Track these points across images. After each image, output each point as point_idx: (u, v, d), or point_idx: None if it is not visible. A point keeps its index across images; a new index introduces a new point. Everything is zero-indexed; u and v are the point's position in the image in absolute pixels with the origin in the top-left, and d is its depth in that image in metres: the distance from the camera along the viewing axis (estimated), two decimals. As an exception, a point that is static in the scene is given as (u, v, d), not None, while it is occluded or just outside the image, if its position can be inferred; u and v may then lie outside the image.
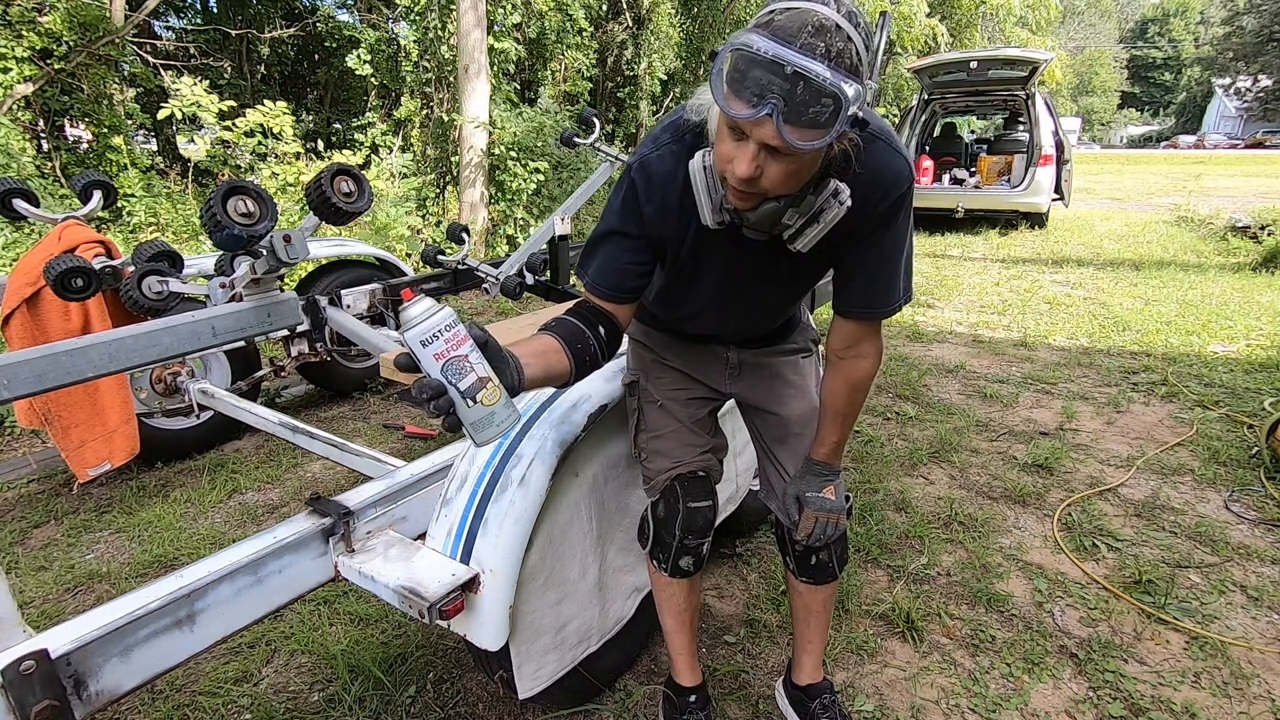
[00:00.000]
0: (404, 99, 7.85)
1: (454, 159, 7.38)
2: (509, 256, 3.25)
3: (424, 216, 7.12)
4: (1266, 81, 42.46)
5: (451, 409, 0.87)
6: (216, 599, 1.14)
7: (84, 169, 4.80)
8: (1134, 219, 9.91)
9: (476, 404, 0.87)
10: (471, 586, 1.20)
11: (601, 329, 1.11)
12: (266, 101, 6.11)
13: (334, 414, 3.37)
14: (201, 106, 5.89)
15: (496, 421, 0.89)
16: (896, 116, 11.82)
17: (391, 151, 7.69)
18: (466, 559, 1.23)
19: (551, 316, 1.13)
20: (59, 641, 0.99)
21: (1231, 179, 16.69)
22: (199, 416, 2.83)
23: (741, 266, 1.16)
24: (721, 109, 0.87)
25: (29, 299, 2.07)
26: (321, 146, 7.55)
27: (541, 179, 7.24)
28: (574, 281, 3.37)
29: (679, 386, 1.39)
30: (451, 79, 7.50)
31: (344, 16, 9.85)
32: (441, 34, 7.39)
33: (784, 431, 1.38)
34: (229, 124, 5.96)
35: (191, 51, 8.73)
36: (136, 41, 6.88)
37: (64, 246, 2.10)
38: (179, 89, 5.93)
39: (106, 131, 5.93)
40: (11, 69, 5.36)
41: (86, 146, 6.30)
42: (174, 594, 1.09)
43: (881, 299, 1.14)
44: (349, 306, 2.82)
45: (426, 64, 7.64)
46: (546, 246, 3.35)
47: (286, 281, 3.51)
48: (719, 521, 1.54)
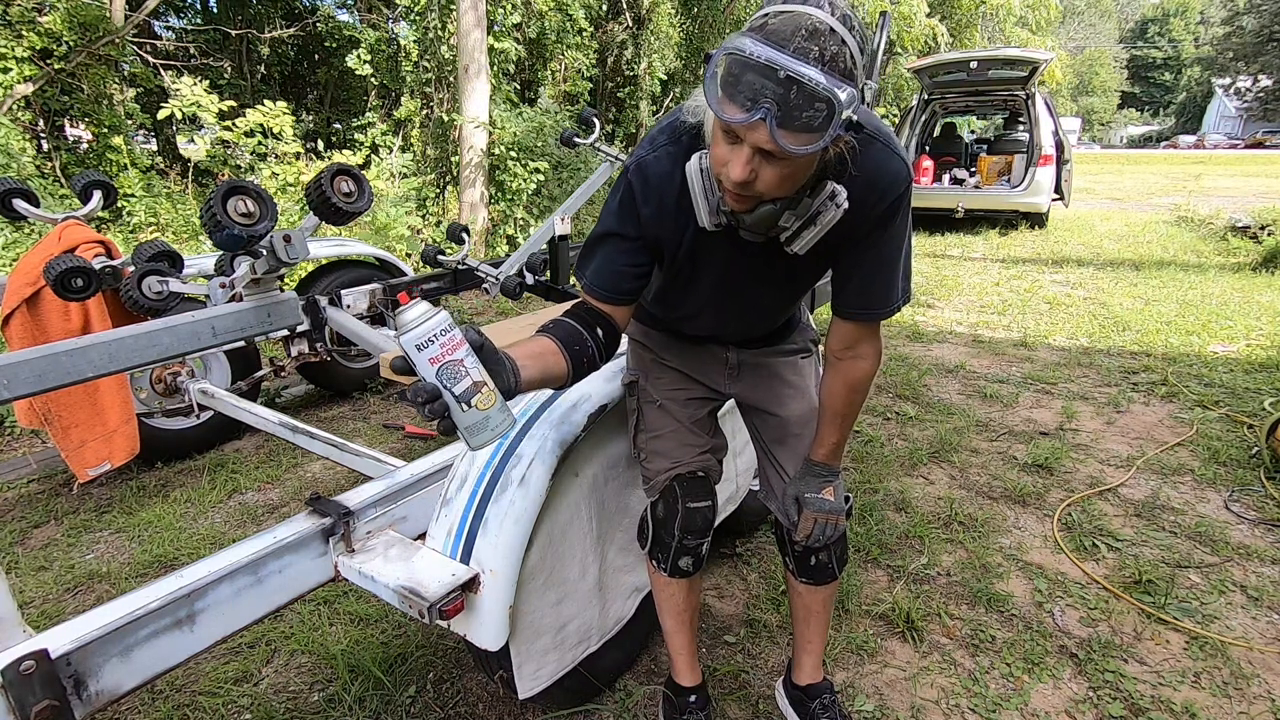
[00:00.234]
0: (404, 99, 7.85)
1: (454, 159, 7.39)
2: (509, 256, 3.25)
3: (424, 216, 7.12)
4: (1266, 81, 42.45)
5: (446, 413, 0.87)
6: (216, 599, 1.14)
7: (84, 169, 4.80)
8: (1134, 219, 9.91)
9: (471, 408, 0.87)
10: (471, 586, 1.20)
11: (599, 330, 1.11)
12: (266, 101, 6.12)
13: (334, 414, 3.37)
14: (201, 106, 5.90)
15: (491, 426, 0.89)
16: (896, 116, 11.82)
17: (391, 151, 7.69)
18: (466, 559, 1.23)
19: (551, 317, 1.13)
20: (59, 641, 0.99)
21: (1231, 179, 16.68)
22: (199, 416, 2.83)
23: (739, 268, 1.16)
24: (715, 113, 0.87)
25: (29, 299, 2.08)
26: (321, 146, 7.55)
27: (541, 179, 7.24)
28: (574, 282, 3.37)
29: (678, 387, 1.39)
30: (451, 79, 7.50)
31: (344, 16, 9.86)
32: (441, 34, 7.39)
33: (783, 432, 1.38)
34: (229, 124, 5.97)
35: (191, 51, 8.73)
36: (136, 41, 6.88)
37: (64, 246, 2.10)
38: (179, 89, 5.93)
39: (106, 131, 5.93)
40: (11, 69, 5.36)
41: (86, 146, 6.30)
42: (174, 594, 1.09)
43: (880, 300, 1.14)
44: (349, 306, 2.82)
45: (426, 64, 7.64)
46: (546, 246, 3.35)
47: (286, 281, 3.51)
48: (719, 522, 1.54)
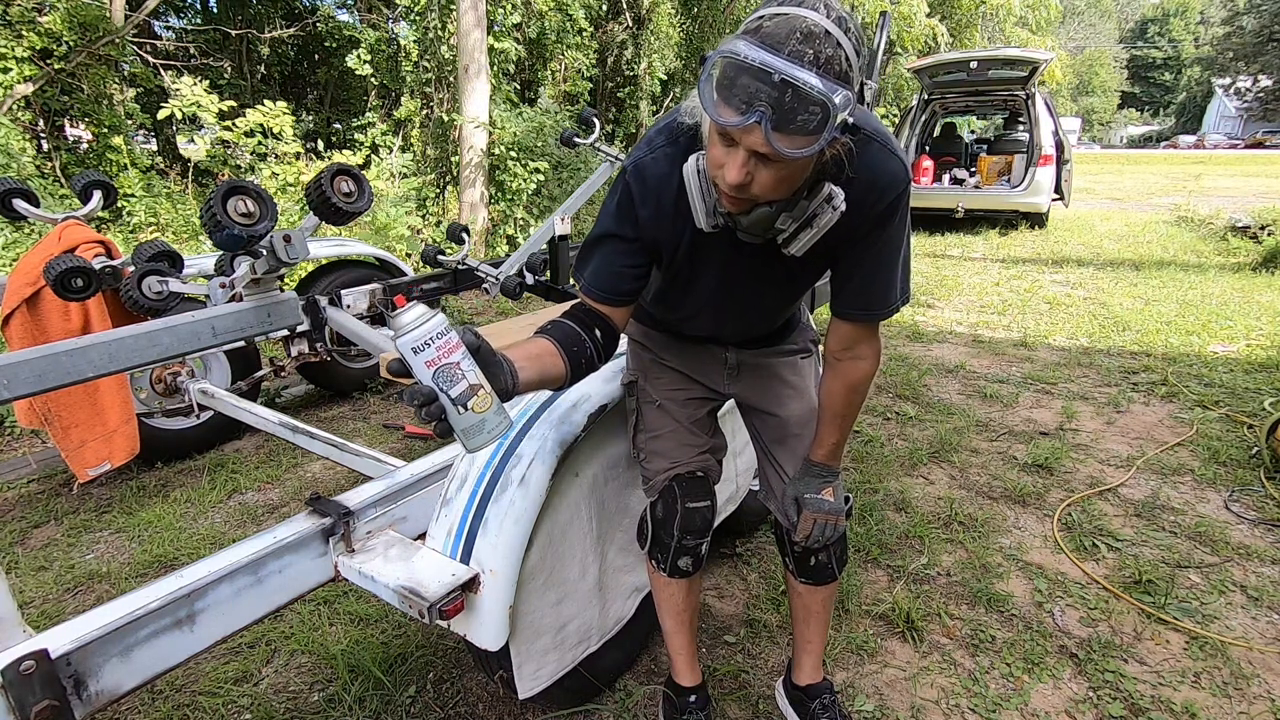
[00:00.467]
0: (404, 99, 7.85)
1: (454, 159, 7.39)
2: (509, 256, 3.25)
3: (424, 216, 7.12)
4: (1266, 81, 42.43)
5: (443, 415, 0.87)
6: (216, 599, 1.14)
7: (84, 169, 4.80)
8: (1134, 219, 9.91)
9: (468, 411, 0.87)
10: (471, 586, 1.20)
11: (598, 331, 1.11)
12: (266, 101, 6.11)
13: (334, 414, 3.37)
14: (201, 106, 5.90)
15: (488, 428, 0.89)
16: (896, 116, 11.82)
17: (391, 151, 7.69)
18: (466, 559, 1.23)
19: (550, 317, 1.13)
20: (59, 641, 0.99)
21: (1231, 179, 16.68)
22: (199, 416, 2.83)
23: (737, 269, 1.15)
24: (710, 116, 0.86)
25: (29, 299, 2.08)
26: (321, 146, 7.55)
27: (541, 179, 7.24)
28: (573, 282, 3.37)
29: (677, 387, 1.39)
30: (451, 79, 7.50)
31: (344, 16, 9.87)
32: (441, 34, 7.39)
33: (783, 432, 1.38)
34: (229, 124, 5.96)
35: (191, 51, 8.73)
36: (136, 41, 6.88)
37: (64, 246, 2.10)
38: (179, 89, 5.93)
39: (106, 131, 5.93)
40: (11, 69, 5.36)
41: (86, 146, 6.30)
42: (174, 594, 1.09)
43: (879, 300, 1.14)
44: (349, 306, 2.82)
45: (426, 64, 7.64)
46: (546, 246, 3.35)
47: (286, 281, 3.51)
48: (719, 522, 1.54)
